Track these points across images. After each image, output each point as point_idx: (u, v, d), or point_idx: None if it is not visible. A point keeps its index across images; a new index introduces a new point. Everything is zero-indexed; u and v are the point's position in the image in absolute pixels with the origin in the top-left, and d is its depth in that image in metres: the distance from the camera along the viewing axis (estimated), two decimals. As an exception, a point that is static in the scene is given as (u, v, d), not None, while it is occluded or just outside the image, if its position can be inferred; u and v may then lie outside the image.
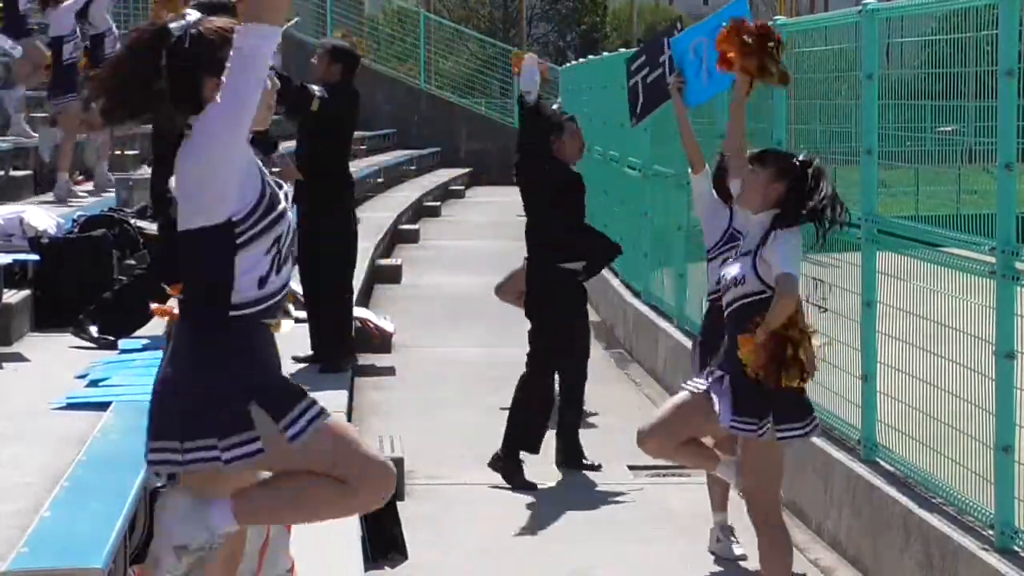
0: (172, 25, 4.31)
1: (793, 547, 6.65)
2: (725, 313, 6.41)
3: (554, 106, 18.39)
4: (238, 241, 4.23)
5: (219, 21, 4.34)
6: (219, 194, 4.21)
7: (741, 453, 6.45)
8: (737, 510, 7.27)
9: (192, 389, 4.23)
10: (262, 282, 4.27)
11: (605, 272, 15.87)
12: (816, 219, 6.29)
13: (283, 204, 4.33)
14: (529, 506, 8.52)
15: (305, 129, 10.37)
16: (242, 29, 4.14)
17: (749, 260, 6.29)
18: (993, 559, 6.25)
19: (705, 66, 7.59)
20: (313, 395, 4.32)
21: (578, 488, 8.91)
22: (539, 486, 8.89)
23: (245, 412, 4.20)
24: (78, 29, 14.74)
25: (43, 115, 15.85)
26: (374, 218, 19.19)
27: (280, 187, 4.40)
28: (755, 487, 6.37)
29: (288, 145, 12.40)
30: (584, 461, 9.30)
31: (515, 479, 8.91)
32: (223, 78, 4.18)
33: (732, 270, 6.37)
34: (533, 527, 8.17)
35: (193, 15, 4.38)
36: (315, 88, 9.99)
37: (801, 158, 6.36)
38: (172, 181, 4.35)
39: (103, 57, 14.83)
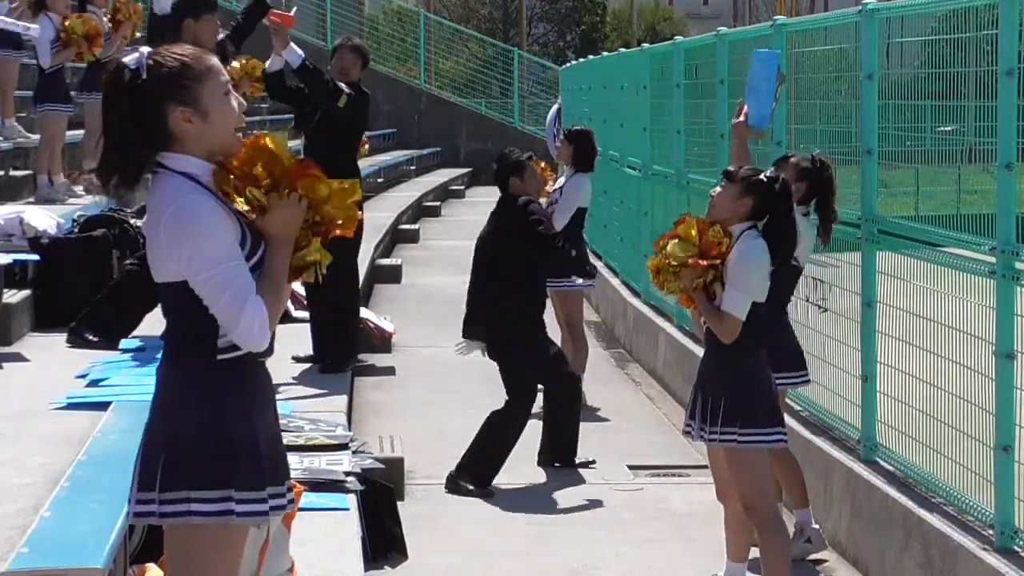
0: (126, 59, 4.02)
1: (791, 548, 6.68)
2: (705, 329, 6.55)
3: (555, 107, 18.43)
4: None
5: (176, 48, 4.02)
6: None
7: (725, 464, 6.52)
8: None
9: (175, 436, 3.91)
10: None
11: (605, 272, 15.89)
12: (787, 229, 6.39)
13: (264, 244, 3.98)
14: (528, 506, 8.52)
15: (322, 127, 10.30)
16: (247, 317, 3.84)
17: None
18: (993, 559, 6.25)
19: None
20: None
21: (577, 488, 8.91)
22: (538, 486, 8.90)
23: (227, 465, 3.89)
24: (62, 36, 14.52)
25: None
26: (374, 218, 19.17)
27: None
28: (746, 493, 6.46)
29: (293, 144, 12.38)
30: (577, 460, 9.27)
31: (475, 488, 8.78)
32: (189, 107, 3.90)
33: None
34: (532, 527, 8.17)
35: (147, 48, 4.09)
36: (343, 85, 10.07)
37: (768, 174, 6.48)
38: None
39: (100, 61, 14.76)
